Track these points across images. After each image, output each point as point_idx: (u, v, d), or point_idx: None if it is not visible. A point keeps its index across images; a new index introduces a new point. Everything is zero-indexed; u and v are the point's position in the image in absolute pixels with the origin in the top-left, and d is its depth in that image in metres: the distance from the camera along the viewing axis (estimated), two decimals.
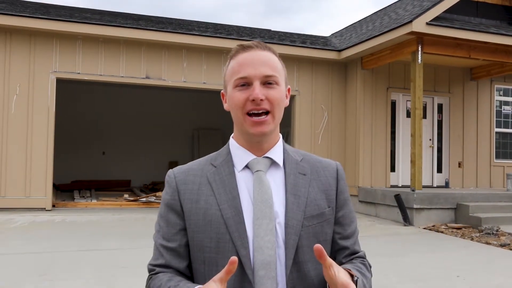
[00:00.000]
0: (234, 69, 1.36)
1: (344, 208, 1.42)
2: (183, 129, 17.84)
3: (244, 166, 1.37)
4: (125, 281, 5.06)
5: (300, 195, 1.35)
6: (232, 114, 1.38)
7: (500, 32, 10.17)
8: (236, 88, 1.34)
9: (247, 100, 1.31)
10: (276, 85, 1.33)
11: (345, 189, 1.45)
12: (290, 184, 1.36)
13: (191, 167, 1.43)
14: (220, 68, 11.42)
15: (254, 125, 1.32)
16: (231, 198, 1.32)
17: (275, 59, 1.38)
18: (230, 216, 1.30)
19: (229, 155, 1.41)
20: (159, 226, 1.39)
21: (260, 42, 1.39)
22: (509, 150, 13.40)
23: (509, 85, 13.46)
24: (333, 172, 1.44)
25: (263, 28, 15.71)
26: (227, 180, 1.35)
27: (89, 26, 10.32)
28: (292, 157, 1.42)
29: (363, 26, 13.94)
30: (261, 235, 1.28)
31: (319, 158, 1.49)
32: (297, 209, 1.33)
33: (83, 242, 7.01)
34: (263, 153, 1.38)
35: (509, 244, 7.76)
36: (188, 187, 1.37)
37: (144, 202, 11.63)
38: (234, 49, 1.39)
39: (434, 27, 9.67)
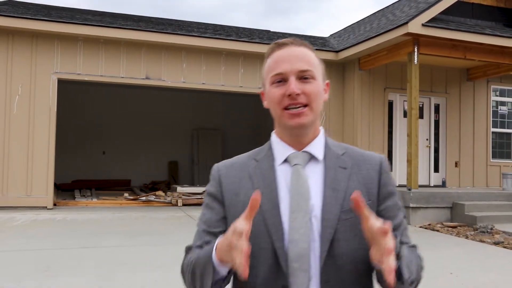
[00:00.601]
0: (270, 66, 1.38)
1: (387, 201, 1.40)
2: (183, 129, 17.98)
3: (284, 160, 1.39)
4: (125, 277, 5.18)
5: (338, 189, 1.35)
6: (271, 111, 1.40)
7: (495, 33, 10.30)
8: (273, 84, 1.36)
9: (284, 96, 1.33)
10: (312, 80, 1.35)
11: (389, 182, 1.42)
12: (329, 178, 1.36)
13: (235, 162, 1.47)
14: (219, 68, 11.56)
15: (292, 117, 1.33)
16: (269, 191, 1.35)
17: (310, 54, 1.38)
18: (267, 209, 1.32)
19: (270, 150, 1.44)
20: (203, 214, 1.44)
21: (296, 39, 1.39)
22: (506, 150, 13.54)
23: (505, 86, 13.60)
24: (375, 165, 1.42)
25: (262, 29, 15.85)
26: (266, 174, 1.38)
27: (90, 27, 10.46)
28: (333, 151, 1.42)
29: (361, 27, 14.07)
30: (296, 227, 1.29)
31: (362, 151, 1.47)
32: (335, 203, 1.33)
33: (84, 240, 7.13)
34: (303, 147, 1.39)
35: (503, 242, 7.89)
36: (230, 180, 1.42)
37: (144, 201, 11.76)
38: (270, 48, 1.42)
39: (430, 28, 9.80)
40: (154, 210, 10.59)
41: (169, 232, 7.99)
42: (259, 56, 11.82)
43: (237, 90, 11.93)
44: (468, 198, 10.31)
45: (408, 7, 11.81)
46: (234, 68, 11.71)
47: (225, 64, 11.64)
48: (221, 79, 11.61)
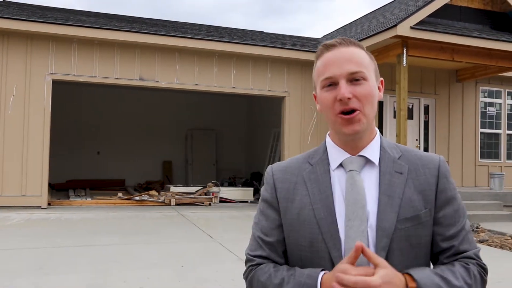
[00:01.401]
0: (319, 70, 1.35)
1: (446, 207, 1.34)
2: (177, 129, 18.12)
3: (339, 165, 1.36)
4: (119, 274, 5.28)
5: (394, 196, 1.30)
6: (325, 115, 1.37)
7: (482, 36, 10.51)
8: (324, 89, 1.33)
9: (335, 101, 1.30)
10: (363, 81, 1.31)
11: (448, 187, 1.36)
12: (384, 184, 1.32)
13: (289, 165, 1.44)
14: (211, 70, 11.72)
15: (346, 123, 1.30)
16: (324, 197, 1.33)
17: (360, 53, 1.34)
18: (322, 217, 1.30)
19: (325, 153, 1.41)
20: (258, 220, 1.43)
21: (344, 39, 1.36)
22: (494, 150, 13.78)
23: (493, 87, 13.83)
24: (434, 169, 1.36)
25: (255, 30, 16.01)
26: (321, 179, 1.36)
27: (84, 29, 10.60)
28: (389, 154, 1.37)
29: (352, 28, 14.26)
30: (352, 236, 1.27)
31: (420, 153, 1.41)
32: (390, 210, 1.28)
33: (78, 238, 7.24)
34: (358, 151, 1.36)
35: (487, 240, 8.09)
36: (284, 185, 1.40)
37: (138, 200, 11.90)
38: (319, 50, 1.38)
39: (418, 31, 9.99)
40: (147, 209, 10.73)
41: (162, 231, 8.13)
42: (252, 57, 11.99)
43: (230, 91, 12.09)
44: None
45: (399, 9, 12.01)
46: (227, 69, 11.87)
47: (218, 65, 11.81)
48: (213, 80, 11.77)
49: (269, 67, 12.17)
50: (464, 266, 1.28)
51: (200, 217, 9.69)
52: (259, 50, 11.86)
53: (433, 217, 1.32)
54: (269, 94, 12.33)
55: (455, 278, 1.24)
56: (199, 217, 9.60)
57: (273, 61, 12.17)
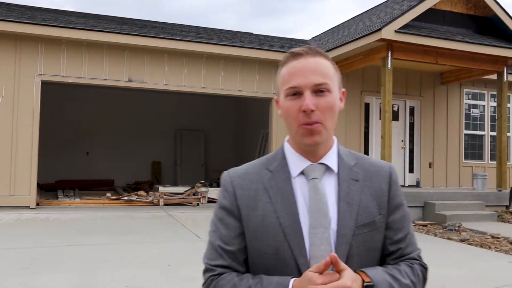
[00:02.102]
0: (285, 78, 1.35)
1: (395, 213, 1.40)
2: (166, 130, 18.20)
3: (300, 172, 1.37)
4: (107, 273, 5.37)
5: (352, 203, 1.34)
6: (285, 122, 1.38)
7: (465, 40, 10.73)
8: (288, 97, 1.34)
9: (299, 111, 1.31)
10: (328, 93, 1.32)
11: (398, 193, 1.43)
12: (343, 191, 1.35)
13: (247, 171, 1.43)
14: (200, 71, 11.85)
15: (307, 134, 1.32)
16: (288, 205, 1.33)
17: (326, 64, 1.36)
18: (287, 225, 1.31)
19: (284, 159, 1.41)
20: (217, 228, 1.40)
21: (311, 48, 1.37)
22: (477, 151, 14.05)
23: (477, 90, 14.11)
24: (386, 176, 1.42)
25: (244, 32, 16.12)
26: (283, 187, 1.36)
27: (73, 31, 10.67)
28: (345, 162, 1.40)
29: (340, 31, 14.45)
30: (317, 244, 1.29)
31: (372, 160, 1.46)
32: (349, 217, 1.32)
33: (66, 238, 7.30)
34: (318, 158, 1.38)
35: (468, 239, 8.30)
36: (245, 193, 1.38)
37: (126, 200, 11.98)
38: (285, 56, 1.39)
39: (403, 35, 10.19)
40: (136, 209, 10.82)
41: (150, 231, 8.23)
42: (240, 59, 12.13)
43: (218, 93, 12.22)
44: (439, 198, 10.74)
45: (384, 13, 12.21)
46: (215, 71, 12.00)
47: (206, 67, 11.93)
48: (202, 82, 11.89)
49: (257, 69, 12.32)
50: (409, 266, 1.38)
51: (188, 217, 9.80)
52: (247, 52, 12.00)
53: (385, 222, 1.38)
54: (257, 96, 12.48)
55: (402, 276, 1.34)
56: (187, 217, 9.71)
57: (261, 63, 12.32)
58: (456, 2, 11.35)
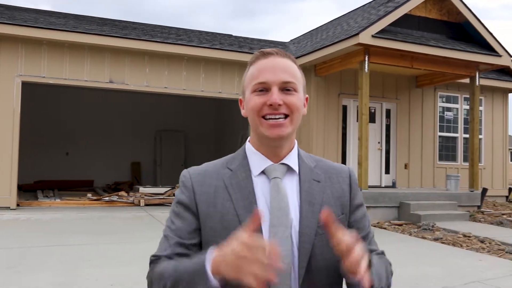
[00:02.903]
0: (254, 74, 1.36)
1: (356, 212, 1.43)
2: (146, 130, 18.25)
3: (261, 172, 1.37)
4: (89, 272, 5.47)
5: (314, 203, 1.34)
6: (249, 119, 1.38)
7: (439, 45, 11.08)
8: (254, 92, 1.34)
9: (265, 105, 1.31)
10: (294, 92, 1.34)
11: (357, 194, 1.45)
12: (305, 191, 1.36)
13: (207, 169, 1.42)
14: (181, 73, 11.97)
15: (271, 127, 1.31)
16: (248, 204, 1.32)
17: (294, 67, 1.37)
18: (244, 216, 1.29)
19: (245, 159, 1.40)
20: (172, 223, 1.37)
21: (280, 50, 1.38)
22: (451, 153, 14.46)
23: (451, 93, 14.52)
24: (346, 178, 1.44)
25: (224, 33, 16.27)
26: (244, 185, 1.35)
27: (54, 32, 10.70)
28: (306, 163, 1.41)
29: (318, 34, 14.70)
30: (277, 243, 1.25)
31: (332, 163, 1.49)
32: (312, 216, 1.32)
33: (48, 238, 7.36)
34: (280, 159, 1.38)
35: (441, 238, 8.60)
36: (204, 189, 1.37)
37: (107, 201, 12.04)
38: (254, 56, 1.39)
39: (379, 39, 10.48)
40: (117, 210, 10.90)
41: (132, 231, 8.34)
42: (220, 62, 12.29)
43: (199, 94, 12.36)
44: (414, 198, 11.06)
45: (361, 17, 12.49)
46: (196, 73, 12.14)
47: (187, 69, 12.06)
48: (183, 84, 12.02)
49: (238, 71, 12.49)
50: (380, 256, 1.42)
51: None
52: (228, 55, 12.17)
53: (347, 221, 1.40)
54: (237, 98, 12.57)
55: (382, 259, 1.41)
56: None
57: (241, 65, 12.49)
58: (430, 8, 11.70)
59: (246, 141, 1.45)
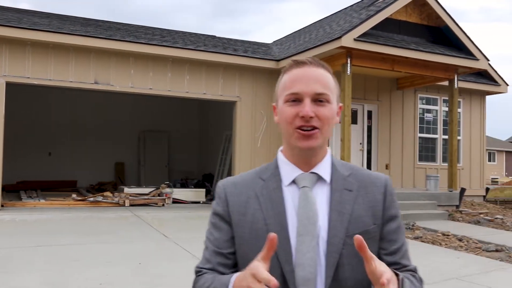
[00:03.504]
0: (286, 84, 1.36)
1: (390, 224, 1.39)
2: (130, 131, 18.25)
3: (291, 181, 1.38)
4: (79, 273, 5.53)
5: (344, 212, 1.34)
6: (281, 128, 1.39)
7: (419, 48, 11.36)
8: (287, 103, 1.35)
9: (297, 116, 1.32)
10: (327, 103, 1.34)
11: (393, 204, 1.42)
12: (335, 200, 1.35)
13: (240, 180, 1.46)
14: (165, 74, 12.06)
15: (303, 138, 1.32)
16: (277, 213, 1.34)
17: (328, 76, 1.38)
18: (275, 232, 1.27)
19: (277, 169, 1.42)
20: (210, 233, 1.43)
21: (315, 59, 1.39)
22: (431, 154, 14.80)
23: (430, 95, 14.86)
24: (381, 187, 1.41)
25: (208, 35, 16.35)
26: (274, 195, 1.37)
27: (38, 32, 10.70)
28: (339, 172, 1.41)
29: (301, 36, 14.91)
30: (303, 251, 1.29)
31: (368, 172, 1.47)
32: (340, 226, 1.32)
33: (35, 239, 7.37)
34: (311, 167, 1.38)
35: (421, 237, 8.85)
36: (236, 199, 1.40)
37: (92, 201, 12.06)
38: (288, 64, 1.40)
39: (361, 43, 10.71)
40: (102, 210, 10.94)
41: (118, 231, 8.40)
42: (205, 63, 12.40)
43: (183, 96, 12.46)
44: None
45: (344, 20, 12.73)
46: (181, 74, 12.23)
47: (172, 70, 12.15)
48: (168, 85, 12.10)
49: (222, 73, 12.62)
50: (412, 275, 1.38)
51: (154, 217, 10.01)
52: (212, 57, 12.29)
53: (379, 232, 1.38)
54: (221, 99, 12.78)
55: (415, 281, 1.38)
56: (153, 218, 9.92)
57: (225, 67, 12.63)
58: (411, 12, 11.98)
59: (278, 151, 1.47)
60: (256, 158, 12.65)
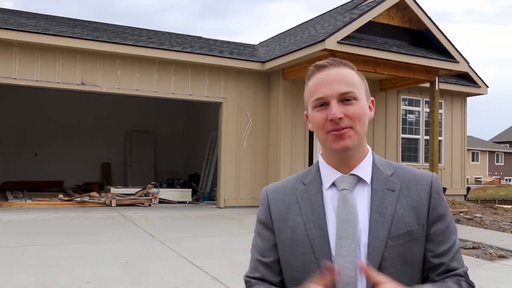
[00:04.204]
0: (311, 90, 1.37)
1: (437, 224, 1.34)
2: (116, 131, 18.31)
3: (331, 184, 1.37)
4: (67, 271, 5.62)
5: (385, 213, 1.31)
6: (315, 134, 1.38)
7: (401, 51, 11.62)
8: (315, 108, 1.35)
9: (326, 120, 1.31)
10: (355, 101, 1.33)
11: (440, 204, 1.37)
12: (376, 201, 1.33)
13: (283, 185, 1.46)
14: (152, 76, 12.18)
15: (336, 139, 1.31)
16: (317, 217, 1.33)
17: (351, 73, 1.37)
18: (315, 237, 1.31)
19: (318, 173, 1.42)
20: (255, 241, 1.44)
21: (335, 59, 1.39)
22: (413, 154, 15.09)
23: (413, 96, 15.15)
24: (426, 186, 1.37)
25: (194, 36, 16.48)
26: (314, 199, 1.37)
27: (25, 34, 10.76)
28: (381, 172, 1.39)
29: (286, 38, 15.10)
30: (343, 255, 1.27)
31: (413, 170, 1.43)
32: (381, 228, 1.29)
33: (22, 239, 7.42)
34: (350, 169, 1.37)
35: None
36: (278, 205, 1.41)
37: (79, 201, 12.14)
38: (310, 70, 1.40)
39: (344, 45, 10.93)
40: (89, 210, 11.03)
41: (105, 230, 8.50)
42: (191, 65, 12.55)
43: (170, 97, 12.59)
44: None
45: (328, 23, 12.94)
46: (167, 76, 12.37)
47: (158, 71, 12.28)
48: (154, 86, 12.23)
49: (208, 74, 12.78)
50: (456, 283, 1.31)
51: (141, 217, 10.14)
52: (198, 58, 12.43)
53: (426, 233, 1.34)
54: (207, 100, 12.93)
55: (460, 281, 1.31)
56: (140, 217, 10.04)
57: (211, 68, 12.79)
58: (393, 16, 12.24)
59: (319, 155, 1.47)
60: (241, 158, 12.83)
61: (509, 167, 55.58)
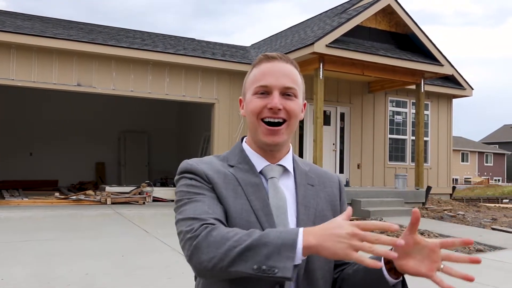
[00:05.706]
0: (256, 77, 1.37)
1: None
2: (110, 131, 18.52)
3: (259, 172, 1.38)
4: (64, 265, 5.80)
5: (309, 207, 1.36)
6: (248, 120, 1.40)
7: (387, 54, 12.01)
8: (256, 95, 1.35)
9: (265, 108, 1.33)
10: (294, 97, 1.35)
11: (345, 200, 1.49)
12: (301, 195, 1.37)
13: (209, 162, 1.39)
14: (146, 77, 12.49)
15: (269, 133, 1.33)
16: (257, 190, 1.33)
17: (296, 73, 1.39)
18: (259, 208, 1.30)
19: (245, 158, 1.40)
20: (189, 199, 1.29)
21: (284, 55, 1.40)
22: (400, 154, 15.50)
23: (400, 98, 15.57)
24: (335, 183, 1.48)
25: (187, 38, 16.76)
26: (250, 175, 1.36)
27: (22, 36, 11.03)
28: (300, 167, 1.43)
29: (277, 40, 15.47)
30: None
31: (322, 169, 1.52)
32: (307, 220, 1.33)
33: (19, 235, 7.60)
34: (276, 161, 1.39)
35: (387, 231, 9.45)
36: (214, 175, 1.34)
37: (74, 200, 12.39)
38: (258, 58, 1.41)
39: (333, 49, 11.30)
40: (84, 208, 11.28)
41: (100, 227, 8.76)
42: (184, 67, 12.87)
43: (163, 98, 12.90)
44: (365, 196, 11.95)
45: (317, 26, 13.31)
46: (161, 77, 12.68)
47: (152, 73, 12.59)
48: (148, 87, 12.55)
49: (200, 76, 13.11)
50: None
51: (136, 214, 10.40)
52: (191, 60, 12.76)
53: None
54: (200, 101, 13.26)
55: None
56: (134, 215, 10.31)
57: (204, 70, 13.12)
58: (380, 20, 12.62)
59: (242, 141, 1.46)
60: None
61: (498, 168, 56.25)
